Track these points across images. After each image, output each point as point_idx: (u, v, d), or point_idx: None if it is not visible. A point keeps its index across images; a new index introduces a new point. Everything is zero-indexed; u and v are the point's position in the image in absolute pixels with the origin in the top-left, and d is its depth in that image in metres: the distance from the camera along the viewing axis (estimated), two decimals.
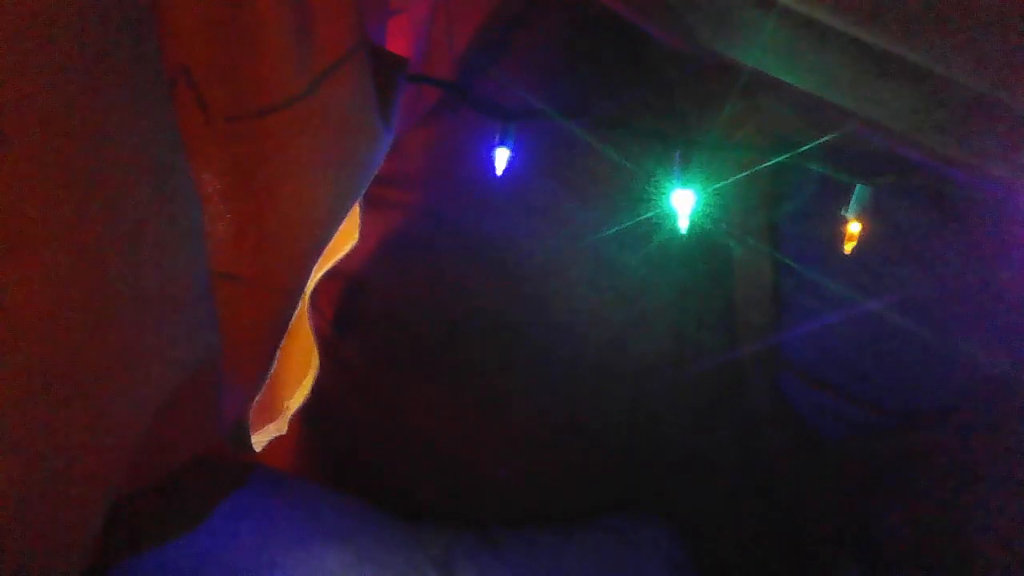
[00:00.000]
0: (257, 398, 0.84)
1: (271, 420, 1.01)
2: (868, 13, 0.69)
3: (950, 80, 0.70)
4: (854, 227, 1.10)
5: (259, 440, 0.94)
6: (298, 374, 1.08)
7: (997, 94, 0.70)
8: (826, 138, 1.03)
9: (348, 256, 1.11)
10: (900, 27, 0.69)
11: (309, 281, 1.08)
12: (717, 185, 1.11)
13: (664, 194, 1.10)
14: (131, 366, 0.51)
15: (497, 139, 1.10)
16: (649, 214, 1.14)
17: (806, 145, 1.05)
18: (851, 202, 1.09)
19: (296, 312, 0.79)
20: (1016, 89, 0.69)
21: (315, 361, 1.09)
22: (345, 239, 1.10)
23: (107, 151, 0.51)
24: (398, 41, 1.08)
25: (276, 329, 0.78)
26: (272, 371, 0.82)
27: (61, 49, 0.48)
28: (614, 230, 1.21)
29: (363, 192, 0.80)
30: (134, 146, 0.53)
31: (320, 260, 1.07)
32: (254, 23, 0.64)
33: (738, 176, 1.11)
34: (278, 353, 0.80)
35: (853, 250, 1.10)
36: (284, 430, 1.02)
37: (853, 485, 1.34)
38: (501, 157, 1.10)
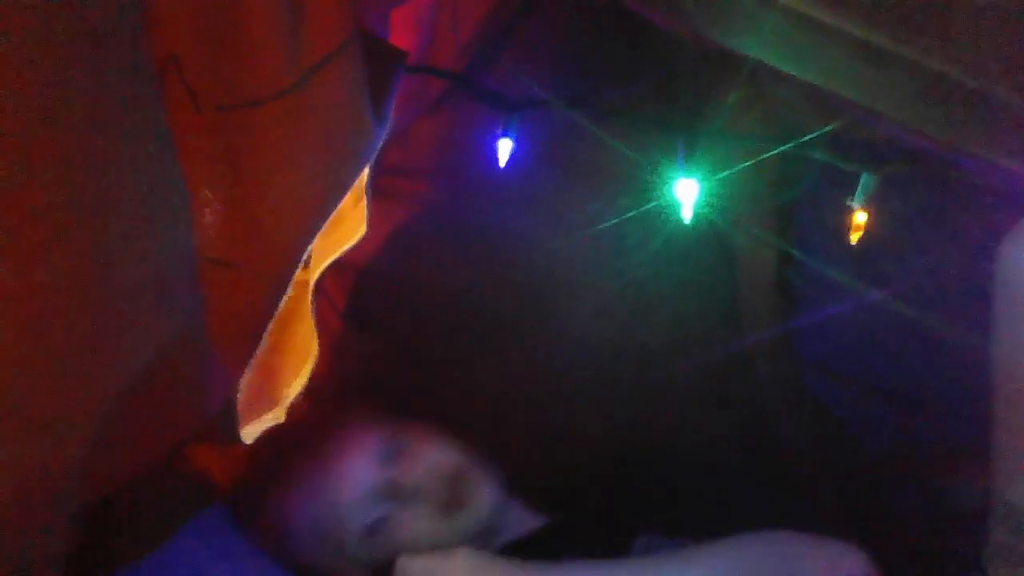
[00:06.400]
0: (245, 382, 0.85)
1: (269, 409, 1.03)
2: (866, 10, 0.70)
3: (947, 75, 0.70)
4: (860, 217, 1.09)
5: (254, 431, 0.96)
6: (297, 363, 1.09)
7: (995, 89, 0.70)
8: (831, 126, 1.02)
9: (357, 247, 1.12)
10: (898, 23, 0.69)
11: (315, 271, 1.09)
12: (721, 174, 1.10)
13: (668, 183, 1.09)
14: (107, 345, 0.53)
15: (500, 129, 1.10)
16: (653, 204, 1.14)
17: (811, 133, 1.04)
18: (857, 191, 1.08)
19: (285, 298, 0.81)
20: (1014, 84, 0.69)
21: (314, 349, 1.11)
22: (352, 230, 1.10)
23: (100, 142, 0.53)
24: (401, 32, 1.09)
25: (263, 314, 0.79)
26: (258, 355, 0.83)
27: (63, 42, 0.49)
28: (617, 220, 1.21)
29: (352, 184, 0.81)
30: (125, 135, 0.54)
31: (327, 249, 1.08)
32: (243, 14, 0.64)
33: (743, 165, 1.10)
34: (266, 337, 0.82)
35: (859, 240, 1.09)
36: (282, 418, 1.04)
37: (867, 472, 1.34)
38: (504, 148, 1.10)
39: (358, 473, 1.06)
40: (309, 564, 1.08)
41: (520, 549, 1.19)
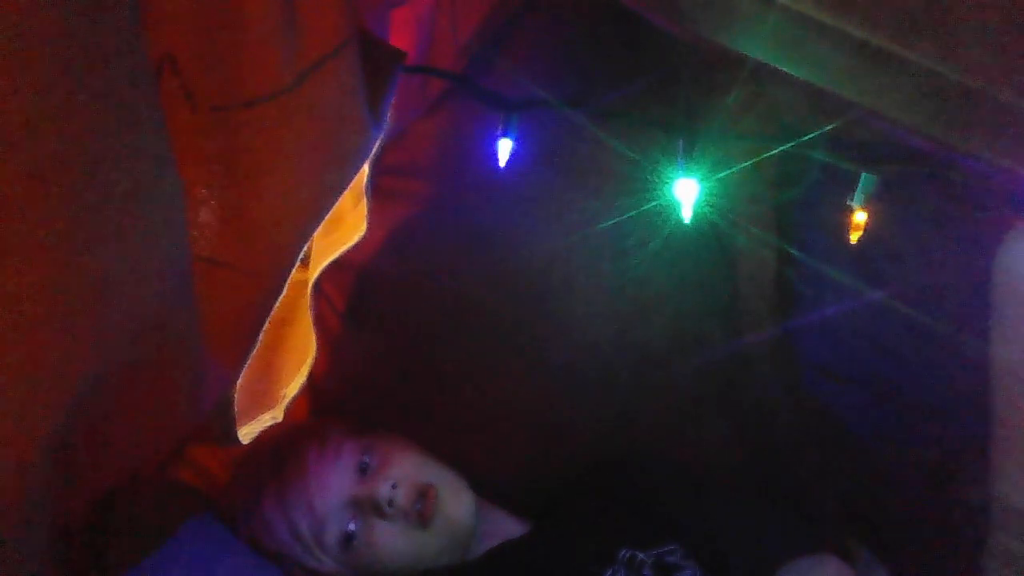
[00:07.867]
0: (242, 382, 0.85)
1: (267, 409, 1.03)
2: (866, 10, 0.69)
3: (947, 75, 0.70)
4: (860, 216, 1.08)
5: (252, 430, 0.96)
6: (296, 363, 1.09)
7: (995, 89, 0.70)
8: (831, 125, 1.01)
9: (357, 247, 1.11)
10: (898, 23, 0.69)
11: (314, 270, 1.09)
12: (721, 174, 1.10)
13: (668, 183, 1.09)
14: (101, 346, 0.53)
15: (500, 129, 1.10)
16: (653, 204, 1.13)
17: (811, 133, 1.04)
18: (857, 191, 1.08)
19: (281, 298, 0.81)
20: (1014, 84, 0.69)
21: (313, 349, 1.10)
22: (352, 230, 1.10)
23: (98, 141, 0.52)
24: (401, 32, 1.09)
25: (257, 314, 0.79)
26: (255, 355, 0.83)
27: (61, 42, 0.49)
28: (617, 220, 1.20)
29: (348, 185, 0.80)
30: (121, 134, 0.54)
31: (326, 249, 1.08)
32: (240, 14, 0.64)
33: (743, 165, 1.10)
34: (261, 337, 0.82)
35: (859, 240, 1.09)
36: (280, 418, 1.04)
37: (866, 472, 1.34)
38: (504, 148, 1.10)
39: (335, 485, 1.09)
40: (296, 570, 1.10)
41: (503, 556, 1.19)
